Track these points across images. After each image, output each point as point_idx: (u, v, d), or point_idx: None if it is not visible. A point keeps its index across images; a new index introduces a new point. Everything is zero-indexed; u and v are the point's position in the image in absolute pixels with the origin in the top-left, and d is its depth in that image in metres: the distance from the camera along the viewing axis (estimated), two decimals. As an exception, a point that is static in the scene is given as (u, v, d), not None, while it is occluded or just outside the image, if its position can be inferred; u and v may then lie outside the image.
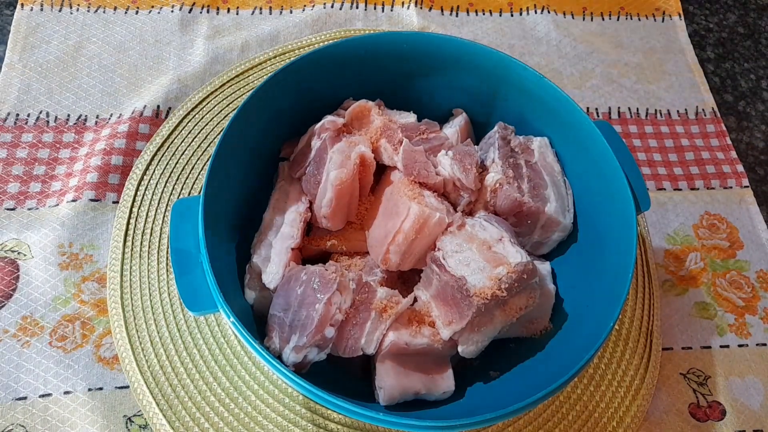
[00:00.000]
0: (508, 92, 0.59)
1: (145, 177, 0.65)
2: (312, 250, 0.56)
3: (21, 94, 0.70)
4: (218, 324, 0.58)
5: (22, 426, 0.52)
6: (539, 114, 0.58)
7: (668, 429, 0.58)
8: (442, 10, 0.84)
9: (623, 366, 0.59)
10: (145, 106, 0.70)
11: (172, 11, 0.78)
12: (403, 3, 0.83)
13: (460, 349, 0.49)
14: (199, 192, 0.51)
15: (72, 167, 0.66)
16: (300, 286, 0.48)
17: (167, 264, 0.60)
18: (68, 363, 0.55)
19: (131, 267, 0.60)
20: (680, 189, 0.72)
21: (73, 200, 0.62)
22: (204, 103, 0.70)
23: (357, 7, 0.82)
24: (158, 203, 0.63)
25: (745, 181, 0.73)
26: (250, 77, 0.73)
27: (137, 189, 0.64)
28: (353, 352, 0.48)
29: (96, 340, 0.57)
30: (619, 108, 0.78)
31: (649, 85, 0.81)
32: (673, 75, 0.82)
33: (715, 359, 0.62)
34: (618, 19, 0.87)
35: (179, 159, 0.66)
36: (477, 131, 0.63)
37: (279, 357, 0.47)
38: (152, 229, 0.62)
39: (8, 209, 0.62)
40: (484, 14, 0.85)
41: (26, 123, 0.68)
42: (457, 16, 0.84)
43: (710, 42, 0.87)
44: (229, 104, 0.70)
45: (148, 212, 0.63)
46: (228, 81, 0.72)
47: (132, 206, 0.63)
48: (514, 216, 0.55)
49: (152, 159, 0.66)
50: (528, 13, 0.85)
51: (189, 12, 0.79)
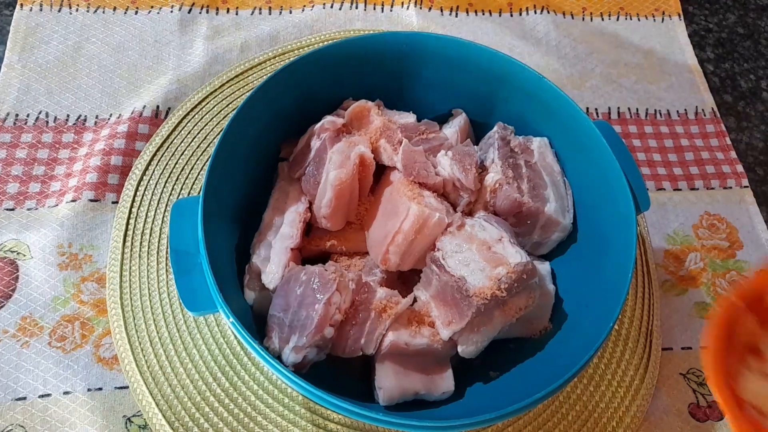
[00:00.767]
0: (508, 92, 0.59)
1: (145, 177, 0.65)
2: (312, 251, 0.56)
3: (20, 95, 0.70)
4: (218, 324, 0.58)
5: (22, 426, 0.52)
6: (539, 114, 0.58)
7: (668, 429, 0.57)
8: (442, 11, 0.84)
9: (623, 366, 0.59)
10: (145, 107, 0.70)
11: (172, 11, 0.78)
12: (403, 3, 0.83)
13: (460, 350, 0.49)
14: (199, 192, 0.51)
15: (71, 167, 0.66)
16: (299, 287, 0.48)
17: (167, 264, 0.60)
18: (68, 363, 0.55)
19: (131, 267, 0.60)
20: (680, 189, 0.72)
21: (73, 200, 0.62)
22: (203, 104, 0.70)
23: (357, 7, 0.82)
24: (158, 203, 0.63)
25: (745, 182, 0.73)
26: (250, 77, 0.73)
27: (137, 189, 0.64)
28: (353, 353, 0.48)
29: (95, 341, 0.57)
30: (619, 108, 0.78)
31: (649, 86, 0.81)
32: (673, 75, 0.82)
33: (715, 359, 0.62)
34: (618, 20, 0.87)
35: (179, 159, 0.66)
36: (477, 131, 0.63)
37: (278, 357, 0.47)
38: (152, 230, 0.62)
39: (7, 209, 0.62)
40: (484, 14, 0.85)
41: (26, 123, 0.68)
42: (457, 17, 0.84)
43: (710, 42, 0.87)
44: (229, 104, 0.70)
45: (148, 212, 0.63)
46: (227, 81, 0.72)
47: (131, 206, 0.63)
48: (514, 216, 0.55)
49: (152, 159, 0.66)
50: (528, 14, 0.85)
51: (188, 12, 0.79)
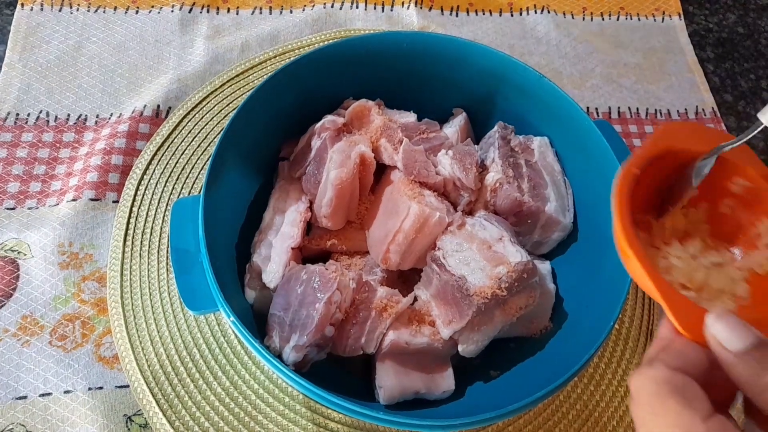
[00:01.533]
0: (508, 92, 0.59)
1: (145, 176, 0.65)
2: (312, 250, 0.56)
3: (21, 94, 0.70)
4: (218, 323, 0.58)
5: (22, 425, 0.52)
6: (539, 114, 0.58)
7: (668, 428, 0.57)
8: (442, 10, 0.84)
9: (623, 365, 0.59)
10: (145, 106, 0.70)
11: (172, 11, 0.78)
12: (403, 3, 0.83)
13: (460, 349, 0.49)
14: (199, 191, 0.51)
15: (72, 167, 0.66)
16: (300, 286, 0.48)
17: (167, 263, 0.60)
18: (68, 362, 0.55)
19: (131, 266, 0.60)
20: (680, 189, 0.72)
21: (73, 200, 0.62)
22: (204, 103, 0.70)
23: (357, 7, 0.82)
24: (158, 203, 0.63)
25: (745, 181, 0.73)
26: (250, 77, 0.73)
27: (137, 188, 0.64)
28: (353, 352, 0.48)
29: (96, 340, 0.57)
30: (619, 108, 0.78)
31: (649, 85, 0.81)
32: (673, 75, 0.82)
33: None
34: (618, 19, 0.87)
35: (179, 159, 0.66)
36: (477, 131, 0.63)
37: (279, 356, 0.47)
38: (152, 229, 0.62)
39: (8, 209, 0.62)
40: (484, 14, 0.85)
41: (26, 122, 0.68)
42: (457, 16, 0.84)
43: (710, 42, 0.87)
44: (229, 104, 0.70)
45: (148, 212, 0.63)
46: (228, 81, 0.72)
47: (132, 206, 0.63)
48: (514, 215, 0.55)
49: (152, 158, 0.66)
50: (528, 13, 0.85)
51: (189, 12, 0.79)
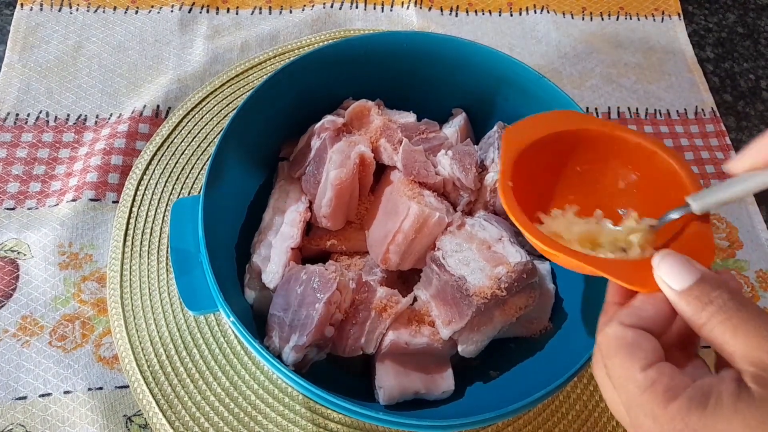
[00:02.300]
0: (508, 92, 0.59)
1: (145, 177, 0.65)
2: (312, 250, 0.56)
3: (21, 94, 0.70)
4: (218, 324, 0.58)
5: (22, 426, 0.52)
6: (539, 114, 0.58)
7: (668, 428, 0.58)
8: (442, 10, 0.84)
9: (623, 365, 0.59)
10: (145, 106, 0.70)
11: (172, 11, 0.78)
12: (403, 3, 0.83)
13: (460, 349, 0.49)
14: (199, 192, 0.51)
15: (72, 167, 0.66)
16: (300, 286, 0.48)
17: (167, 264, 0.60)
18: (68, 362, 0.55)
19: (131, 266, 0.60)
20: (680, 189, 0.72)
21: (73, 200, 0.62)
22: (204, 103, 0.70)
23: (357, 7, 0.82)
24: (158, 203, 0.63)
25: (745, 181, 0.73)
26: (250, 77, 0.73)
27: (137, 189, 0.64)
28: (353, 352, 0.48)
29: (96, 340, 0.57)
30: (619, 108, 0.78)
31: (649, 85, 0.81)
32: (673, 75, 0.82)
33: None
34: (617, 19, 0.87)
35: (179, 159, 0.66)
36: (477, 131, 0.63)
37: (279, 356, 0.47)
38: (152, 229, 0.62)
39: (8, 209, 0.62)
40: (484, 14, 0.85)
41: (26, 123, 0.68)
42: (457, 16, 0.84)
43: (710, 42, 0.87)
44: (229, 104, 0.70)
45: (148, 212, 0.63)
46: (228, 81, 0.72)
47: (132, 206, 0.63)
48: (514, 216, 0.55)
49: (152, 159, 0.66)
50: (528, 13, 0.85)
51: (189, 12, 0.79)
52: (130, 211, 0.62)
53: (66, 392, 0.54)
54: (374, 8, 0.82)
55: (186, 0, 0.79)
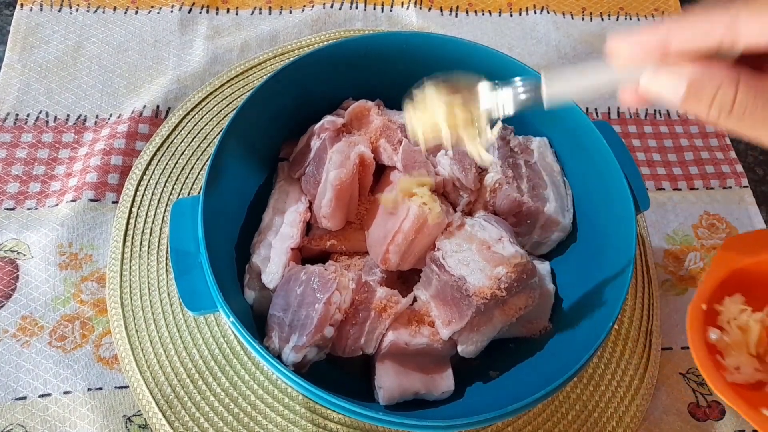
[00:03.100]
0: (508, 92, 0.59)
1: (145, 177, 0.65)
2: (312, 250, 0.56)
3: (20, 94, 0.70)
4: (218, 324, 0.58)
5: (22, 426, 0.52)
6: (539, 114, 0.58)
7: (668, 429, 0.58)
8: (442, 11, 0.84)
9: (623, 366, 0.59)
10: (145, 106, 0.70)
11: (172, 11, 0.78)
12: (403, 3, 0.83)
13: (460, 349, 0.49)
14: (199, 192, 0.51)
15: (71, 167, 0.66)
16: (299, 286, 0.48)
17: (167, 264, 0.60)
18: (68, 363, 0.55)
19: (131, 267, 0.60)
20: (679, 189, 0.72)
21: (73, 200, 0.62)
22: (204, 103, 0.70)
23: (357, 7, 0.82)
24: (158, 203, 0.63)
25: (744, 181, 0.73)
26: (250, 77, 0.73)
27: (137, 189, 0.64)
28: (353, 352, 0.48)
29: (95, 340, 0.57)
30: (619, 108, 0.78)
31: (649, 86, 0.81)
32: (673, 75, 0.82)
33: (715, 359, 0.62)
34: (617, 20, 0.87)
35: (179, 159, 0.66)
36: (476, 131, 0.63)
37: (278, 357, 0.47)
38: (152, 229, 0.62)
39: (8, 209, 0.62)
40: (484, 14, 0.85)
41: (26, 123, 0.68)
42: (457, 17, 0.84)
43: (709, 42, 0.87)
44: (229, 104, 0.70)
45: (148, 212, 0.63)
46: (227, 81, 0.72)
47: (131, 206, 0.63)
48: (514, 216, 0.55)
49: (152, 159, 0.66)
50: (527, 14, 0.85)
51: (188, 12, 0.79)
52: (130, 212, 0.62)
53: (66, 392, 0.54)
54: (374, 8, 0.82)
55: (186, 0, 0.79)
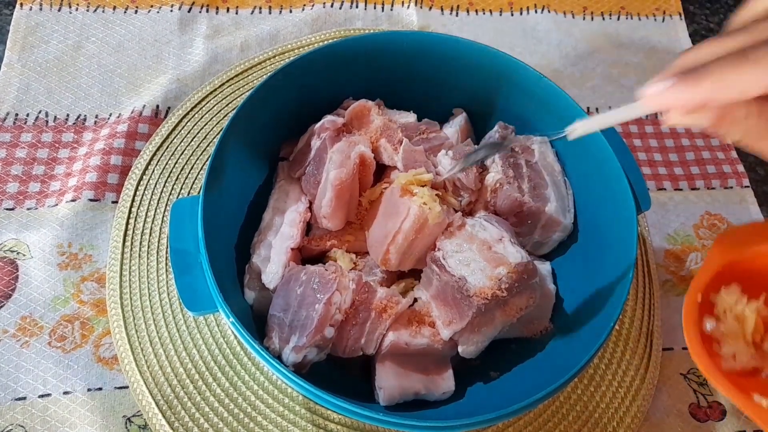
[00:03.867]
0: (509, 92, 0.59)
1: (145, 177, 0.65)
2: (312, 250, 0.55)
3: (20, 94, 0.70)
4: (218, 324, 0.58)
5: (22, 426, 0.52)
6: (539, 114, 0.58)
7: (668, 429, 0.57)
8: (442, 10, 0.84)
9: (623, 366, 0.59)
10: (145, 106, 0.70)
11: (172, 11, 0.78)
12: (403, 2, 0.83)
13: (460, 350, 0.49)
14: (199, 192, 0.51)
15: (71, 167, 0.66)
16: (300, 287, 0.48)
17: (167, 264, 0.60)
18: (67, 363, 0.55)
19: (130, 267, 0.59)
20: (681, 189, 0.72)
21: (72, 200, 0.62)
22: (203, 103, 0.70)
23: (357, 7, 0.82)
24: (157, 203, 0.63)
25: (746, 181, 0.73)
26: (250, 77, 0.73)
27: (136, 189, 0.64)
28: (353, 353, 0.48)
29: (95, 341, 0.57)
30: (620, 108, 0.78)
31: (650, 85, 0.81)
32: (674, 75, 0.82)
33: (716, 359, 0.62)
34: (618, 19, 0.86)
35: (178, 159, 0.66)
36: (477, 131, 0.63)
37: (278, 357, 0.47)
38: (151, 229, 0.62)
39: (7, 209, 0.62)
40: (484, 14, 0.85)
41: (25, 123, 0.68)
42: (457, 16, 0.84)
43: (711, 42, 0.87)
44: (229, 104, 0.70)
45: (148, 212, 0.63)
46: (227, 81, 0.72)
47: (131, 206, 0.63)
48: (515, 216, 0.55)
49: (151, 159, 0.66)
50: (528, 13, 0.85)
51: (188, 11, 0.79)
52: (130, 212, 0.62)
53: (65, 393, 0.54)
54: (374, 8, 0.82)
55: (185, 0, 0.79)
